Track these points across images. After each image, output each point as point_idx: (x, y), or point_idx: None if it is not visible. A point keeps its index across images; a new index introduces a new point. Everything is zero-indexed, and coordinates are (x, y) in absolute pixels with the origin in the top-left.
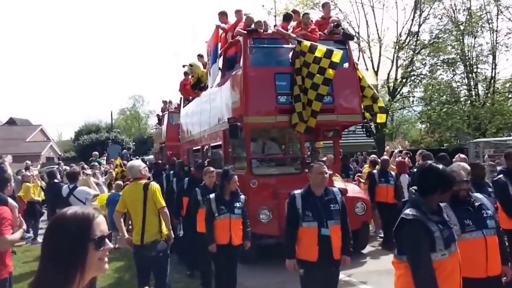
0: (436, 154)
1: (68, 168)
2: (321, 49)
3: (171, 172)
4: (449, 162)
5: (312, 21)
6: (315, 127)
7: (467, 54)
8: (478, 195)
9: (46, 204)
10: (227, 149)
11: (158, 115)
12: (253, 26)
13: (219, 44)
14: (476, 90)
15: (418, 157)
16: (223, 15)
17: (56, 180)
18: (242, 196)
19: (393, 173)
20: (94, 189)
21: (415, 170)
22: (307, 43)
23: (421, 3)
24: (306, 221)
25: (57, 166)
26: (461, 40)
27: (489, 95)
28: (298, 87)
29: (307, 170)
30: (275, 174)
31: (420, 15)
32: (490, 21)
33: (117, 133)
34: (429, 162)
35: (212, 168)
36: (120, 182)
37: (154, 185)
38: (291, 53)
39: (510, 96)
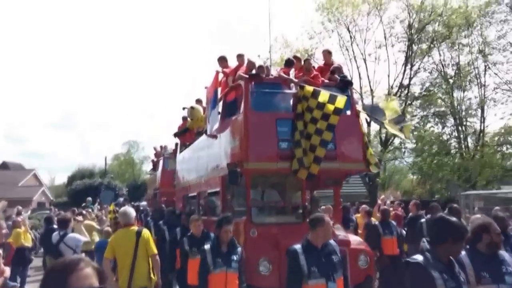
0: (428, 205)
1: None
2: (324, 94)
3: (162, 221)
4: (460, 215)
5: (314, 67)
6: (315, 175)
7: (456, 107)
8: (504, 253)
9: (34, 251)
10: (225, 196)
11: (153, 160)
12: (254, 70)
13: (219, 89)
14: (466, 142)
15: (411, 207)
16: (222, 60)
17: (53, 226)
18: (240, 249)
19: (394, 223)
20: (85, 236)
21: (423, 220)
22: (310, 88)
23: (412, 57)
24: (313, 278)
25: (48, 212)
26: (451, 94)
27: (478, 148)
28: (299, 133)
29: (313, 223)
30: (275, 223)
31: (411, 68)
32: (478, 76)
33: (110, 179)
34: (441, 214)
35: (197, 216)
36: (109, 228)
37: (147, 232)
38: (291, 98)
39: (498, 149)
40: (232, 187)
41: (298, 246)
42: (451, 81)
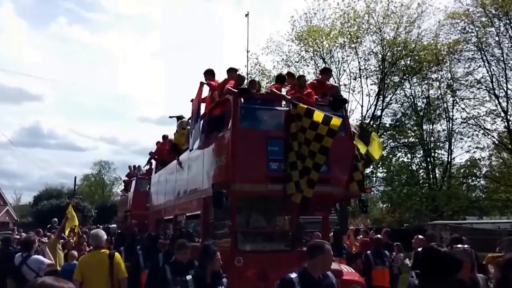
0: (397, 233)
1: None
2: (318, 113)
3: (138, 246)
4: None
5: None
6: (309, 199)
7: (425, 139)
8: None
9: None
10: (207, 220)
11: (124, 180)
12: (245, 85)
13: (203, 104)
14: (434, 173)
15: (382, 235)
16: (209, 74)
17: (10, 248)
18: (225, 280)
19: (387, 253)
20: (49, 258)
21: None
22: (303, 106)
23: (384, 89)
24: None
25: (11, 232)
26: (420, 126)
27: (445, 179)
28: (295, 154)
29: (311, 251)
30: (263, 250)
31: (383, 100)
32: (446, 110)
33: (79, 200)
34: (432, 244)
35: (186, 243)
36: (74, 252)
37: (119, 256)
38: (283, 116)
39: (464, 181)
40: (215, 210)
41: (294, 276)
42: (421, 113)
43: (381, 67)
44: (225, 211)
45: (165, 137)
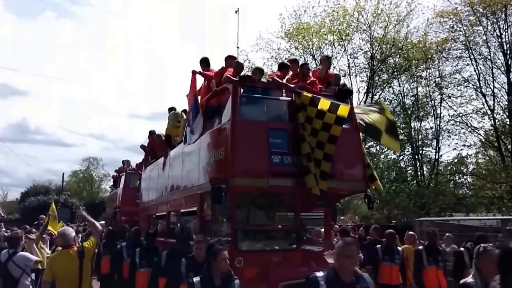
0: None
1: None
2: (325, 101)
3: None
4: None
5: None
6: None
7: (413, 136)
8: None
9: None
10: (203, 217)
11: (113, 176)
12: (249, 73)
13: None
14: (422, 171)
15: (372, 232)
16: (204, 63)
17: None
18: (237, 281)
19: (400, 249)
20: (37, 255)
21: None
22: (308, 94)
23: (373, 87)
24: None
25: None
26: (409, 123)
27: (433, 176)
28: (308, 144)
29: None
30: (265, 250)
31: (372, 98)
32: (434, 107)
33: (67, 196)
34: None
35: (202, 239)
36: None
37: (86, 246)
38: (285, 107)
39: (451, 178)
40: (213, 207)
41: (320, 274)
42: (409, 111)
43: (370, 64)
44: (224, 207)
45: (152, 133)
